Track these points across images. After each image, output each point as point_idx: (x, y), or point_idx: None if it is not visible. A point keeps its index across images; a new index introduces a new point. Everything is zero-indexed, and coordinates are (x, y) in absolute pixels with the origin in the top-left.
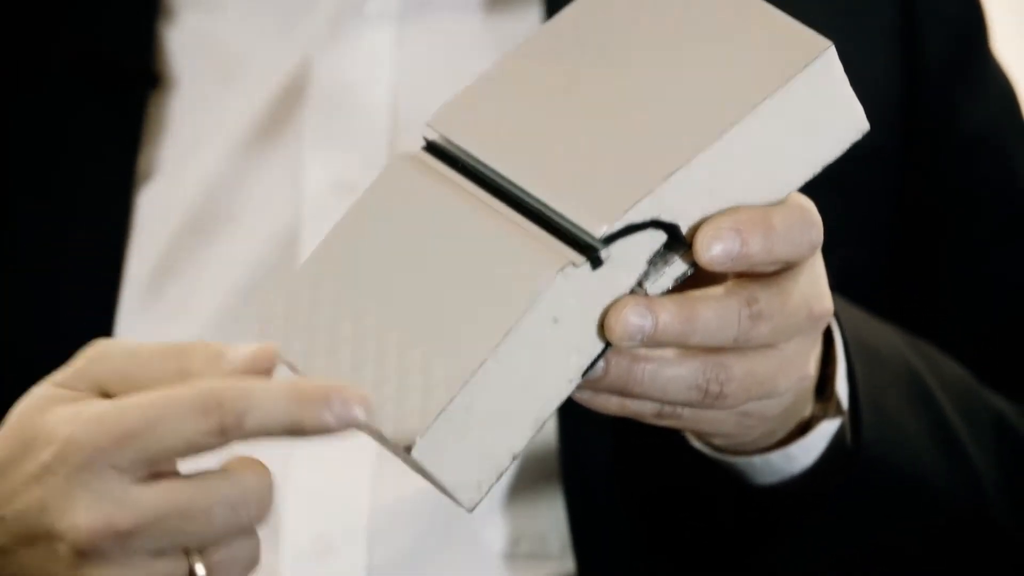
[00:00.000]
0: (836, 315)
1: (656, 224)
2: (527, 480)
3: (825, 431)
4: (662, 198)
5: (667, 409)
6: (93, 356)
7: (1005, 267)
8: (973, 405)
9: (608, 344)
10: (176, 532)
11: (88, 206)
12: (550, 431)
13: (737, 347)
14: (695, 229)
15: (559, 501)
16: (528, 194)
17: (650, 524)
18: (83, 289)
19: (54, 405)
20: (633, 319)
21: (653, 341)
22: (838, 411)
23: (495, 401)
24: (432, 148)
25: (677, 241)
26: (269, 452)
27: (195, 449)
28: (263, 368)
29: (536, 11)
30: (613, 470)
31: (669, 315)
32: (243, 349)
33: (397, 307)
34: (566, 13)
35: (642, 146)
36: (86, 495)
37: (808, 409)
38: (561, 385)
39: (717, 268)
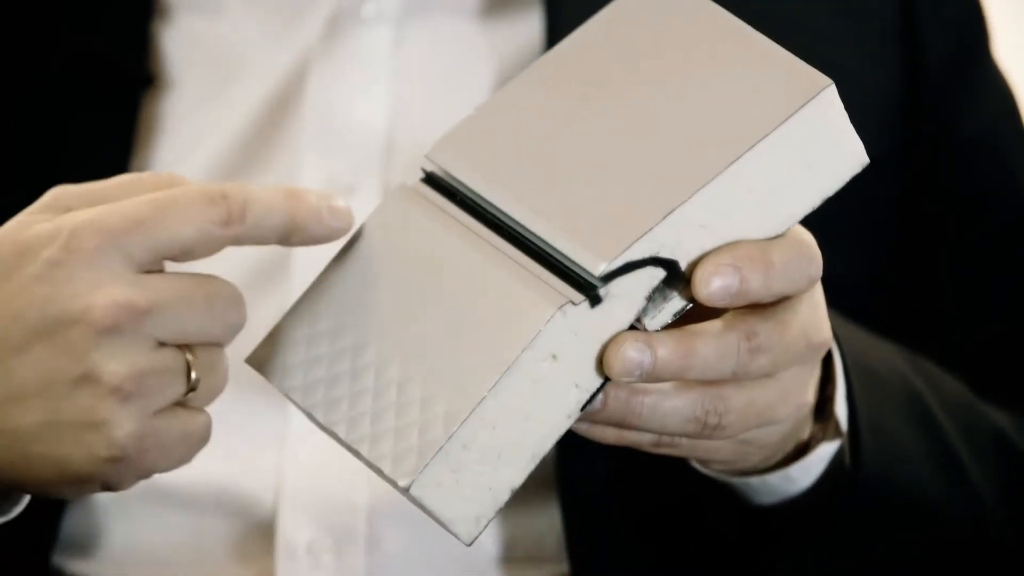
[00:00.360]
0: (835, 335)
1: (655, 261)
2: (524, 484)
3: (824, 453)
4: (661, 235)
5: (665, 439)
6: (58, 193)
7: (1005, 270)
8: (973, 422)
9: (607, 379)
10: (182, 319)
11: None
12: None
13: (736, 379)
14: (694, 265)
15: (555, 505)
16: (527, 230)
17: (647, 534)
18: None
19: (38, 221)
20: (632, 355)
21: (652, 376)
22: (837, 433)
23: (493, 438)
24: (430, 180)
25: (676, 277)
26: (267, 454)
27: (202, 240)
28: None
29: (536, 15)
30: (608, 475)
31: (667, 351)
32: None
33: (396, 342)
34: (565, 45)
35: (641, 182)
36: (102, 276)
37: (806, 431)
38: (560, 420)
39: (716, 304)
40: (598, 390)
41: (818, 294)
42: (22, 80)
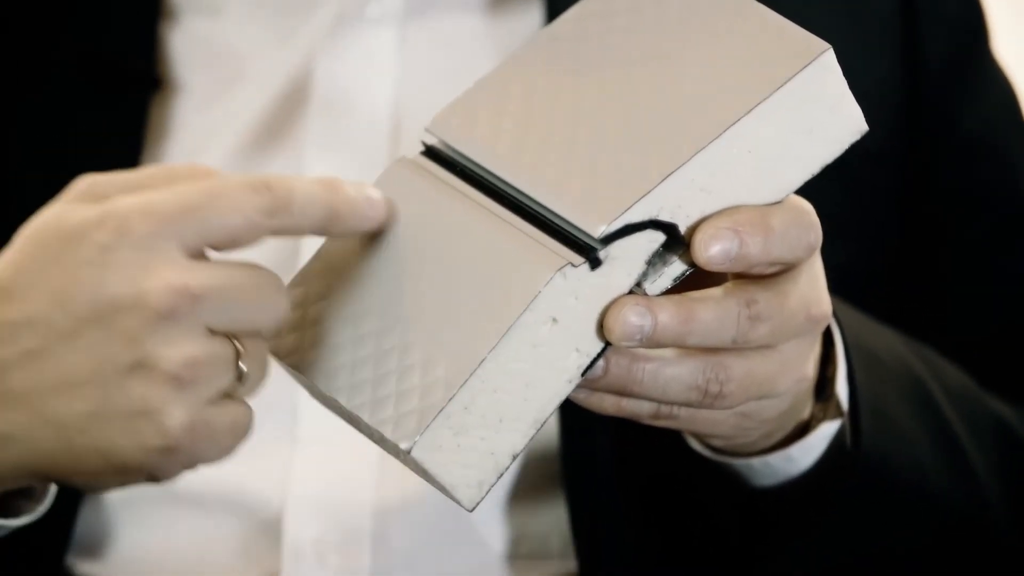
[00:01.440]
0: (836, 317)
1: (654, 224)
2: (529, 481)
3: (825, 433)
4: (660, 198)
5: (664, 409)
6: (91, 182)
7: (1006, 267)
8: (974, 410)
9: (607, 344)
10: (234, 307)
11: None
12: (552, 432)
13: (736, 348)
14: (693, 229)
15: (560, 501)
16: (527, 196)
17: (654, 530)
18: None
19: (81, 204)
20: (632, 319)
21: (652, 341)
22: (838, 412)
23: (494, 401)
24: (430, 152)
25: (676, 241)
26: (274, 454)
27: (249, 228)
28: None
29: (537, 12)
30: (615, 471)
31: (668, 315)
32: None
33: (396, 309)
34: (565, 17)
35: (640, 147)
36: (155, 260)
37: (807, 410)
38: (561, 385)
39: (715, 268)
40: (598, 355)
41: (818, 267)
42: (31, 81)
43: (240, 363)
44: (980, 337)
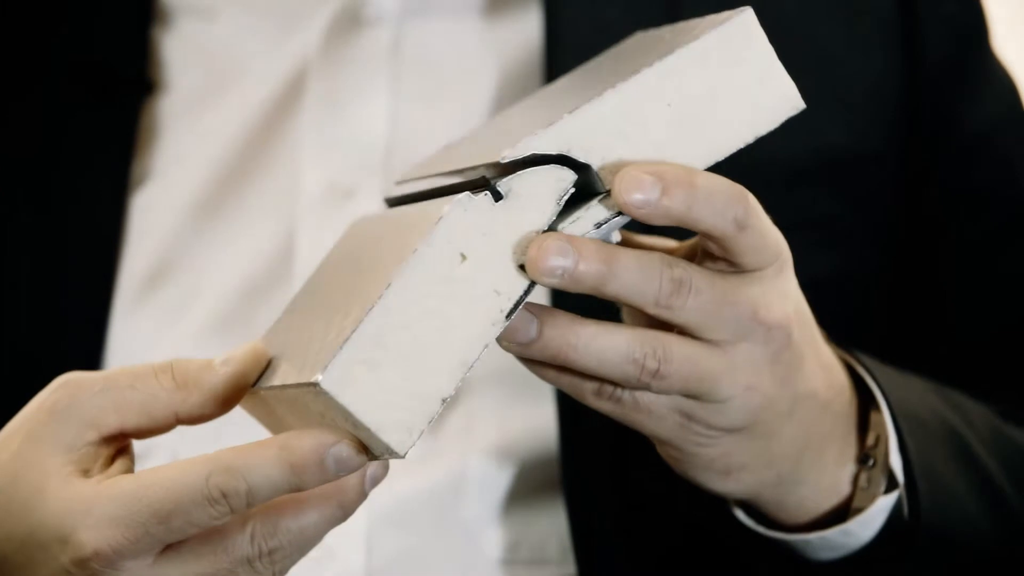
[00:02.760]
0: (877, 382)
1: (564, 160)
2: (526, 486)
3: (883, 506)
4: (569, 134)
5: (606, 388)
6: (76, 393)
7: (1008, 267)
8: (1005, 448)
9: (531, 285)
10: None
11: (83, 211)
12: (550, 437)
13: (668, 319)
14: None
15: (558, 507)
16: (454, 174)
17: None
18: (78, 293)
19: (59, 487)
20: (553, 251)
21: (574, 279)
22: (891, 483)
23: (411, 340)
24: (391, 202)
25: (593, 186)
26: None
27: (211, 527)
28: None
29: (535, 13)
30: (614, 475)
31: (590, 253)
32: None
33: (334, 297)
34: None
35: (565, 104)
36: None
37: (843, 478)
38: (485, 328)
39: (635, 214)
40: (522, 297)
41: (782, 282)
42: (21, 86)
43: None
44: (983, 337)
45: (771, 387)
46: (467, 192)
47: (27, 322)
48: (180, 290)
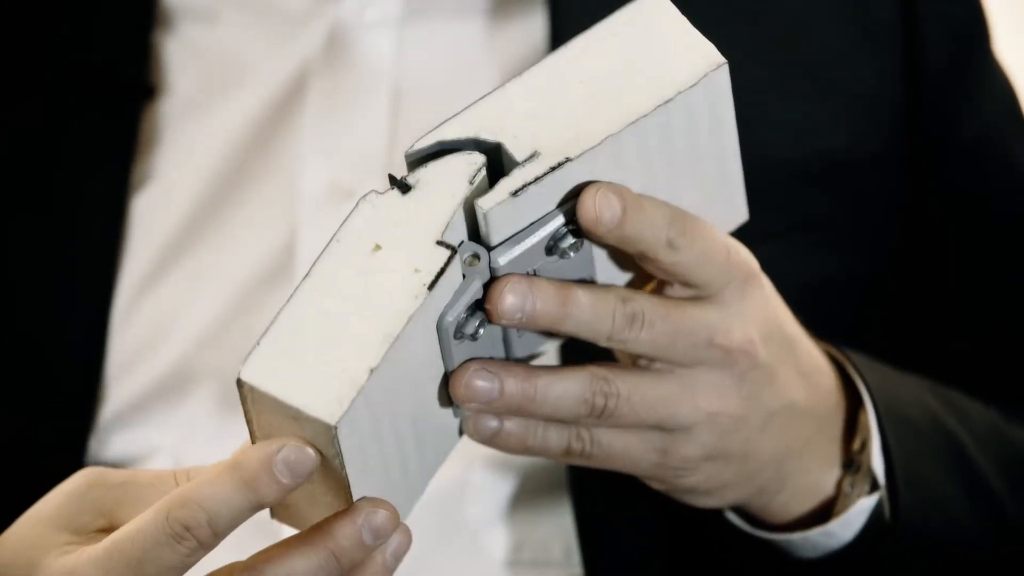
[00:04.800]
0: (865, 382)
1: (473, 143)
2: (531, 488)
3: (863, 507)
4: (476, 120)
5: (575, 444)
6: (97, 482)
7: (1010, 270)
8: (1006, 452)
9: (451, 256)
10: None
11: (83, 213)
12: None
13: (617, 350)
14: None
15: (563, 508)
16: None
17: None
18: (79, 294)
19: (51, 562)
20: (513, 297)
21: (532, 317)
22: (873, 485)
23: (329, 322)
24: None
25: (504, 163)
26: None
27: (188, 566)
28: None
29: (539, 16)
30: (621, 478)
31: (547, 296)
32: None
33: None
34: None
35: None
36: None
37: (828, 480)
38: (407, 300)
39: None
40: (442, 269)
41: (742, 303)
42: (22, 89)
43: None
44: (985, 338)
45: (739, 407)
46: (373, 190)
47: (28, 324)
48: (180, 292)
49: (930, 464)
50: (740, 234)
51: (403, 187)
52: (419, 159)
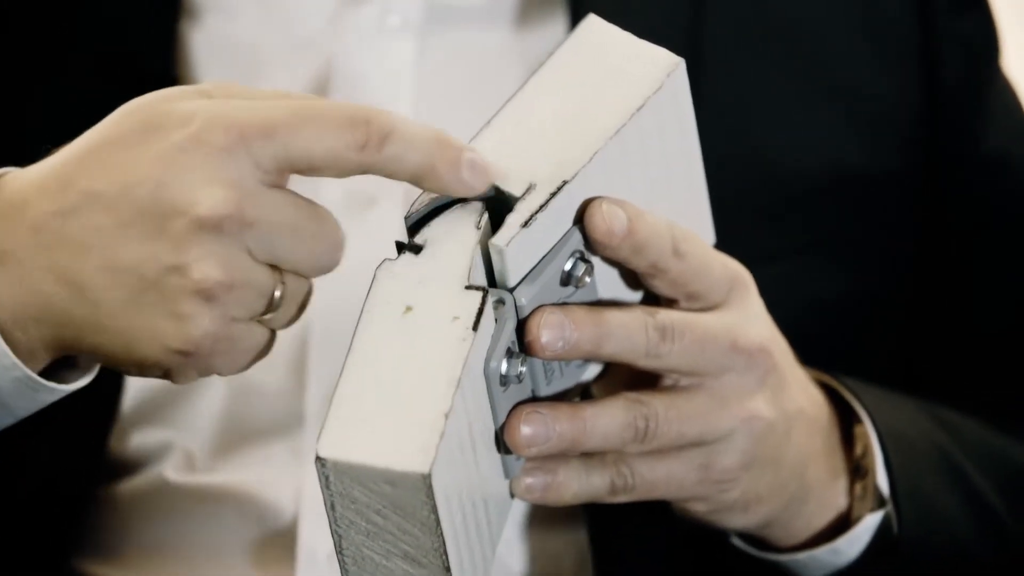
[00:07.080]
0: (864, 404)
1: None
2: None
3: (869, 524)
4: None
5: (618, 481)
6: (215, 83)
7: None
8: (998, 465)
9: (485, 296)
10: (282, 245)
11: None
12: None
13: (655, 370)
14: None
15: (576, 521)
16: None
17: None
18: None
19: (186, 97)
20: (551, 329)
21: (573, 347)
22: (879, 501)
23: (386, 386)
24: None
25: (502, 201)
26: (285, 466)
27: (333, 160)
28: None
29: (560, 23)
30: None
31: (582, 320)
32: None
33: None
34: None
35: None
36: (221, 175)
37: (837, 493)
38: (457, 345)
39: (599, 236)
40: (480, 309)
41: (752, 307)
42: (48, 80)
43: (276, 293)
44: (1001, 355)
45: (766, 411)
46: (387, 259)
47: None
48: None
49: (930, 480)
50: (758, 253)
51: (414, 248)
52: (418, 221)
